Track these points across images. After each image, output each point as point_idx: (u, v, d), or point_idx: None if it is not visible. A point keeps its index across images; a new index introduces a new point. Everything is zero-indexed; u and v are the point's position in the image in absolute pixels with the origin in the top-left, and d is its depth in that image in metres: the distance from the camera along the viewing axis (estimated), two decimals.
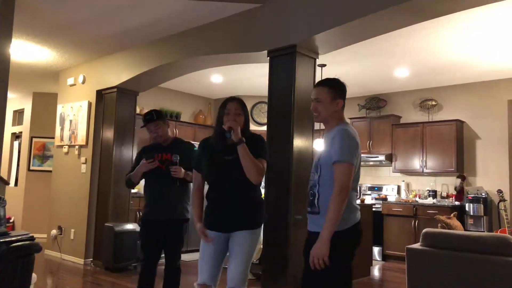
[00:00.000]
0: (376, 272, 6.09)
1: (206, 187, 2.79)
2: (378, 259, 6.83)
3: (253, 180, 2.56)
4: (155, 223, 3.37)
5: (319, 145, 5.59)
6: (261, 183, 2.71)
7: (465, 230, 6.03)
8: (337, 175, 2.19)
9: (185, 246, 6.73)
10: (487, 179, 6.61)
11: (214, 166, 2.66)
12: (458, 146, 6.74)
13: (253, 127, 8.39)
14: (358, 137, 2.33)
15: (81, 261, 5.95)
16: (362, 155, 7.60)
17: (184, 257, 6.28)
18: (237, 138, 2.54)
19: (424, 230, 3.46)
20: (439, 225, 5.03)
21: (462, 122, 6.89)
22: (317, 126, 3.82)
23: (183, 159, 3.31)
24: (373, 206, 6.40)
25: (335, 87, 2.38)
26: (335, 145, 2.23)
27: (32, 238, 2.99)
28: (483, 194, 6.35)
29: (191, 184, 3.27)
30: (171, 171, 3.25)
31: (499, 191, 6.14)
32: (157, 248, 3.38)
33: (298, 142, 3.90)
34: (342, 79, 2.46)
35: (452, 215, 5.66)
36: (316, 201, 2.29)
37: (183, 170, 3.27)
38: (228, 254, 2.67)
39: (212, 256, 2.63)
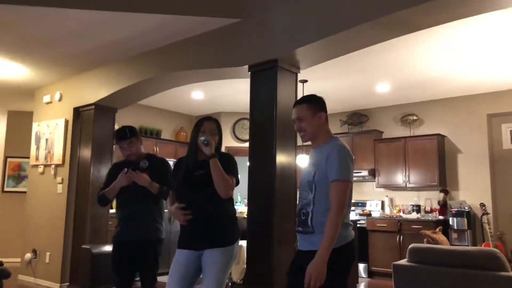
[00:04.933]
0: None
1: None
2: (364, 276, 6.73)
3: (222, 194, 2.57)
4: (126, 244, 3.20)
5: (302, 161, 5.52)
6: (232, 198, 2.74)
7: (450, 244, 6.00)
8: (336, 194, 2.16)
9: (164, 268, 6.58)
10: (470, 192, 6.63)
11: (185, 181, 2.66)
12: (440, 160, 6.76)
13: (235, 143, 8.32)
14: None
15: (57, 285, 5.70)
16: None
17: (164, 279, 6.14)
18: (210, 153, 2.58)
19: (410, 246, 3.40)
20: (425, 240, 4.97)
21: (443, 136, 6.93)
22: (299, 141, 3.75)
23: (155, 175, 3.20)
24: (358, 222, 6.32)
25: (313, 101, 2.37)
26: (333, 162, 2.19)
27: (0, 264, 2.83)
28: (466, 208, 6.36)
29: (165, 202, 3.19)
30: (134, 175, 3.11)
31: (482, 205, 6.15)
32: (129, 271, 3.21)
33: (281, 158, 3.82)
34: (323, 95, 2.44)
35: (437, 229, 5.61)
36: (309, 220, 2.23)
37: (146, 177, 3.11)
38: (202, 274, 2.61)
39: (183, 275, 2.58)
